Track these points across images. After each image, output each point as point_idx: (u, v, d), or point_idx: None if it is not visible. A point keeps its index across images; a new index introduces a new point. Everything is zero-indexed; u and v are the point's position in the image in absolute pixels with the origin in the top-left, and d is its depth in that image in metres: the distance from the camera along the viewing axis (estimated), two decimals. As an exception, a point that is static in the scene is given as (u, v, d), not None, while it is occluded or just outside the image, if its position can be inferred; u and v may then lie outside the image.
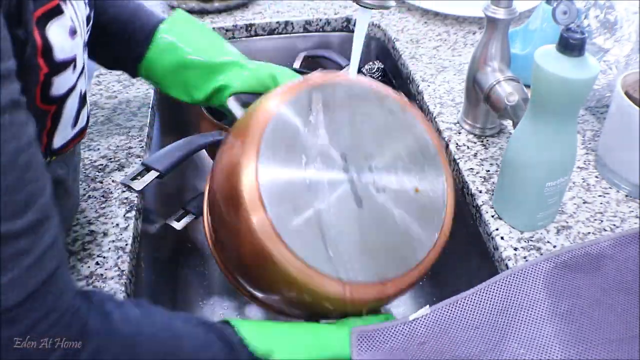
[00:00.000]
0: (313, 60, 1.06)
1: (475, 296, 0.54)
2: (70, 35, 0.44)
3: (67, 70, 0.44)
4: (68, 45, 0.43)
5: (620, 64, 0.74)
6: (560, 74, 0.51)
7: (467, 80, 0.75)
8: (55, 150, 0.48)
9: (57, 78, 0.43)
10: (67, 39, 0.43)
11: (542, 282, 0.54)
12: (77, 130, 0.50)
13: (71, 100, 0.47)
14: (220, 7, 1.05)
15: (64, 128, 0.47)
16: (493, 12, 0.68)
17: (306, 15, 1.06)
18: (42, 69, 0.41)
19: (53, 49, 0.42)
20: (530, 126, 0.57)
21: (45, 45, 0.41)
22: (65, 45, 0.43)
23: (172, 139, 0.73)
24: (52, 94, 0.44)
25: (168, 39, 0.67)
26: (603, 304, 0.53)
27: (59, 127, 0.47)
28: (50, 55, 0.42)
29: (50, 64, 0.42)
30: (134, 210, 0.64)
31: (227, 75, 0.68)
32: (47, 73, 0.42)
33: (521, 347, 0.50)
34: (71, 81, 0.45)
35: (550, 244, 0.60)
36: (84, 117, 0.51)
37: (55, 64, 0.42)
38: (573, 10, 0.65)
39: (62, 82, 0.44)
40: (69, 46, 0.43)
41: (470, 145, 0.74)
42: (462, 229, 0.72)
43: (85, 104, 0.51)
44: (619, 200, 0.65)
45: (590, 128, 0.77)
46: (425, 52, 0.95)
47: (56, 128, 0.47)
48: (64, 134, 0.48)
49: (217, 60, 0.68)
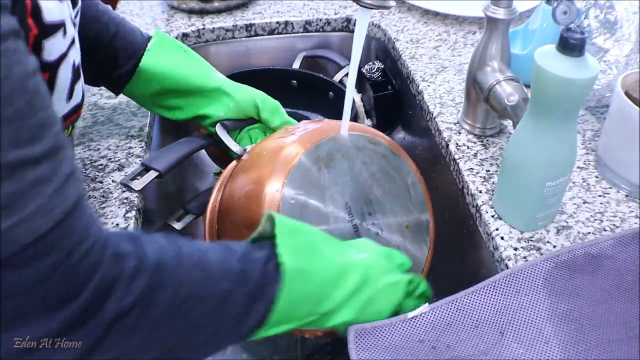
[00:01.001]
0: (313, 60, 1.06)
1: (474, 295, 0.54)
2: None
3: (56, 34, 0.44)
4: (56, 8, 0.44)
5: (620, 64, 0.74)
6: (560, 74, 0.51)
7: (467, 80, 0.75)
8: None
9: (47, 42, 0.44)
10: (54, 1, 0.44)
11: (541, 282, 0.54)
12: (72, 106, 0.50)
13: (64, 69, 0.47)
14: (220, 7, 1.05)
15: (58, 99, 0.47)
16: (493, 12, 0.68)
17: (306, 15, 1.06)
18: (31, 29, 0.41)
19: (41, 10, 0.42)
20: (530, 126, 0.57)
21: (34, 5, 0.41)
22: (53, 8, 0.43)
23: (172, 139, 0.73)
24: (45, 59, 0.44)
25: (151, 70, 0.67)
26: (603, 304, 0.53)
27: (54, 98, 0.47)
28: (39, 16, 0.42)
29: (40, 25, 0.42)
30: (134, 210, 0.64)
31: (211, 104, 0.69)
32: (37, 35, 0.42)
33: (521, 347, 0.50)
34: (62, 47, 0.46)
35: (550, 244, 0.60)
36: (79, 92, 0.51)
37: (44, 26, 0.43)
38: (573, 10, 0.65)
39: (53, 46, 0.44)
40: (57, 9, 0.44)
41: (470, 145, 0.74)
42: (462, 229, 0.72)
43: (79, 78, 0.51)
44: (619, 200, 0.65)
45: (590, 128, 0.77)
46: (425, 52, 0.95)
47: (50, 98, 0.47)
48: (58, 106, 0.48)
49: (201, 90, 0.68)
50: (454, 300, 0.54)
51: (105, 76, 0.69)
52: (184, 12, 1.06)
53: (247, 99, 0.69)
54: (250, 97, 0.69)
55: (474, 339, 0.51)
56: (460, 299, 0.54)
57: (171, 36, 0.99)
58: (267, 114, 0.69)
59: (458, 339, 0.51)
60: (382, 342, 0.50)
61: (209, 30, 1.02)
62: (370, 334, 0.50)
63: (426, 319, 0.52)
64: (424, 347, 0.50)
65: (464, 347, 0.51)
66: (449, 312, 0.53)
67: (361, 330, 0.51)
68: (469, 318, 0.53)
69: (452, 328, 0.52)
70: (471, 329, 0.52)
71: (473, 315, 0.53)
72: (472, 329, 0.52)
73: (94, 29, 0.64)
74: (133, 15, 1.07)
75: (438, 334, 0.51)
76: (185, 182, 0.97)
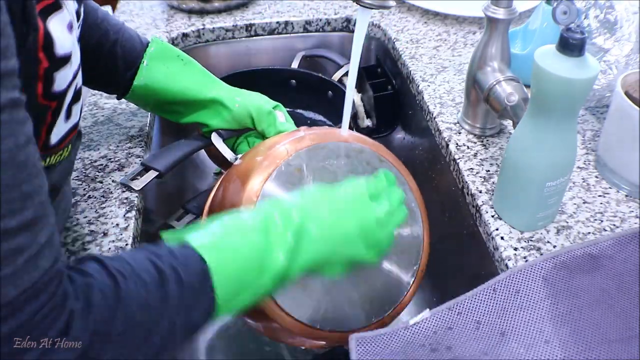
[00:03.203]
0: (312, 60, 1.06)
1: (474, 298, 0.54)
2: (69, 29, 0.44)
3: (66, 65, 0.44)
4: (67, 40, 0.44)
5: (620, 64, 0.74)
6: (560, 74, 0.51)
7: (467, 80, 0.75)
8: (52, 146, 0.48)
9: (57, 74, 0.44)
10: (66, 33, 0.44)
11: (541, 282, 0.54)
12: (70, 126, 0.50)
13: (69, 95, 0.47)
14: (220, 7, 1.05)
15: (60, 122, 0.48)
16: (493, 12, 0.68)
17: (306, 15, 1.06)
18: (42, 62, 0.41)
19: (54, 43, 0.42)
20: (530, 126, 0.57)
21: (47, 39, 0.41)
22: (64, 40, 0.43)
23: (172, 139, 0.73)
24: (55, 90, 0.44)
25: (148, 86, 0.67)
26: (603, 304, 0.53)
27: (57, 122, 0.47)
28: (51, 49, 0.42)
29: (51, 59, 0.42)
30: (134, 210, 0.64)
31: (207, 115, 0.70)
32: (47, 68, 0.42)
33: (521, 347, 0.50)
34: (69, 77, 0.46)
35: (550, 244, 0.60)
36: (77, 112, 0.51)
37: (55, 59, 0.43)
38: (573, 10, 0.65)
39: (62, 77, 0.44)
40: (68, 41, 0.44)
41: (470, 145, 0.74)
42: (462, 229, 0.72)
43: (78, 99, 0.51)
44: (619, 200, 0.65)
45: (590, 128, 0.77)
46: (425, 52, 0.95)
47: (55, 122, 0.47)
48: (59, 128, 0.48)
49: (198, 101, 0.69)
50: (455, 305, 0.53)
51: (104, 84, 0.69)
52: (184, 12, 1.06)
53: (243, 112, 0.70)
54: (247, 110, 0.69)
55: (475, 340, 0.51)
56: (460, 302, 0.54)
57: (172, 35, 0.99)
58: (263, 126, 0.70)
59: (459, 340, 0.51)
60: (384, 349, 0.50)
61: (209, 30, 1.02)
62: (372, 342, 0.51)
63: (427, 324, 0.52)
64: (424, 351, 0.50)
65: (465, 348, 0.51)
66: (450, 316, 0.53)
67: (362, 338, 0.51)
68: (469, 320, 0.53)
69: (452, 331, 0.52)
70: (472, 330, 0.52)
71: (473, 317, 0.53)
72: (472, 330, 0.52)
73: (94, 37, 0.64)
74: (133, 15, 1.07)
75: (439, 338, 0.51)
76: (185, 182, 0.97)
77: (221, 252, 0.44)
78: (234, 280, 0.44)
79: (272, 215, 0.47)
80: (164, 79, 0.68)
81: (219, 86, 0.70)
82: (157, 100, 0.69)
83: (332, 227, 0.49)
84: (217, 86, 0.70)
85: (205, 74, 0.71)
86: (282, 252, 0.46)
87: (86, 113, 0.80)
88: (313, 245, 0.47)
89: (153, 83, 0.67)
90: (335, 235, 0.49)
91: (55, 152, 0.49)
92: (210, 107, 0.70)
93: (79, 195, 0.66)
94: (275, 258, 0.45)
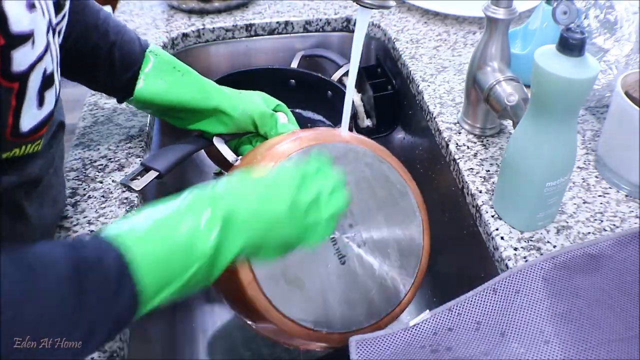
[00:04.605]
0: (311, 59, 1.06)
1: (474, 298, 0.54)
2: (28, 8, 0.44)
3: (25, 44, 0.44)
4: (25, 17, 0.43)
5: (620, 64, 0.74)
6: (560, 74, 0.51)
7: (467, 80, 0.75)
8: (25, 133, 0.48)
9: (15, 52, 0.43)
10: (24, 11, 0.43)
11: (541, 282, 0.54)
12: (45, 114, 0.50)
13: (34, 77, 0.47)
14: (220, 7, 1.05)
15: (29, 107, 0.47)
16: (493, 12, 0.68)
17: (306, 15, 1.06)
18: None
19: (8, 20, 0.42)
20: (530, 126, 0.57)
21: (0, 15, 0.41)
22: (21, 17, 0.43)
23: (172, 139, 0.73)
24: (14, 70, 0.44)
25: (147, 97, 0.67)
26: (603, 304, 0.53)
27: (24, 107, 0.47)
28: (5, 26, 0.42)
29: (6, 36, 0.42)
30: (134, 210, 0.64)
31: (209, 122, 0.70)
32: (3, 45, 0.42)
33: (521, 347, 0.50)
34: (31, 57, 0.46)
35: (550, 244, 0.60)
36: (51, 100, 0.51)
37: (11, 36, 0.42)
38: (573, 10, 0.65)
39: (21, 57, 0.44)
40: (26, 19, 0.44)
41: (470, 145, 0.74)
42: (462, 229, 0.72)
43: (52, 85, 0.51)
44: (619, 200, 0.65)
45: (590, 128, 0.77)
46: (425, 52, 0.95)
47: (21, 107, 0.47)
48: (30, 114, 0.48)
49: (199, 111, 0.69)
50: (455, 305, 0.54)
51: (103, 85, 0.69)
52: (184, 12, 1.06)
53: (246, 119, 0.70)
54: (249, 116, 0.69)
55: (475, 340, 0.51)
56: (460, 303, 0.54)
57: (172, 35, 0.99)
58: (265, 129, 0.70)
59: (459, 341, 0.51)
60: (384, 351, 0.50)
61: (209, 30, 1.02)
62: (372, 344, 0.51)
63: (427, 325, 0.52)
64: (424, 352, 0.50)
65: (465, 349, 0.51)
66: (450, 317, 0.53)
67: (362, 340, 0.51)
68: (469, 320, 0.53)
69: (453, 332, 0.52)
70: (472, 331, 0.52)
71: (474, 317, 0.53)
72: (473, 331, 0.52)
73: (92, 38, 0.64)
74: (133, 15, 1.07)
75: (439, 339, 0.52)
76: (185, 182, 0.97)
77: (145, 242, 0.43)
78: (161, 269, 0.43)
79: (198, 203, 0.47)
80: (162, 91, 0.68)
81: (219, 94, 0.70)
82: (159, 109, 0.69)
83: (260, 213, 0.48)
84: (217, 94, 0.70)
85: (204, 84, 0.70)
86: (211, 238, 0.45)
87: (86, 113, 0.80)
88: (242, 231, 0.47)
89: (151, 95, 0.67)
90: (263, 220, 0.48)
91: (29, 140, 0.49)
92: (213, 116, 0.70)
93: (79, 195, 0.66)
94: (202, 245, 0.44)
